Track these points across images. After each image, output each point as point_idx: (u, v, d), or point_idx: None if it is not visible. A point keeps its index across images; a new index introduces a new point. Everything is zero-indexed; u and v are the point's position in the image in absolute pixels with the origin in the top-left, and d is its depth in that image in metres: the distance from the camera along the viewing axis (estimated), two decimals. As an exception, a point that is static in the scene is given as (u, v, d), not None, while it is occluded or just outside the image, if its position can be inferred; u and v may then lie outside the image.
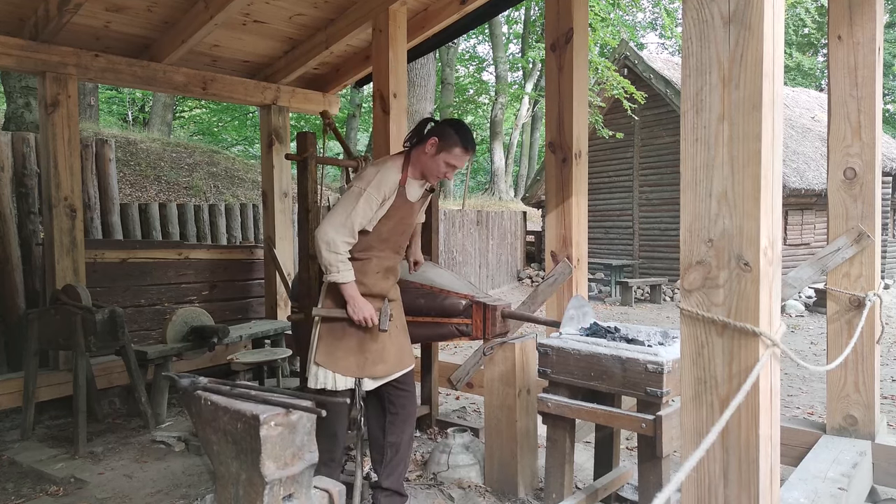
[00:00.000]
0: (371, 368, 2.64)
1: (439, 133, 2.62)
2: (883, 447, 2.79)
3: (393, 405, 2.76)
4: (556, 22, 3.45)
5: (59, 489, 3.17)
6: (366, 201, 2.54)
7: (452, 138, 2.61)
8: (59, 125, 4.21)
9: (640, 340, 2.43)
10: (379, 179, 2.57)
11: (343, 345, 2.62)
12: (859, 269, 2.82)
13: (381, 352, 2.66)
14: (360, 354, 2.63)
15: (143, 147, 10.64)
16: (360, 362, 2.62)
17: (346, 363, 2.61)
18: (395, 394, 2.76)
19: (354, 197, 2.55)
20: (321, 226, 2.55)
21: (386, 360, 2.67)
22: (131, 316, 4.92)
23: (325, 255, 2.52)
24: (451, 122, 2.68)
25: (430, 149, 2.62)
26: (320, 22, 4.67)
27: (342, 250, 2.53)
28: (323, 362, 2.61)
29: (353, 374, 2.62)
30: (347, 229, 2.52)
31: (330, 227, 2.51)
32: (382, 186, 2.57)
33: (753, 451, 1.37)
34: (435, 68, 13.77)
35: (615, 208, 13.74)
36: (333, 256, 2.51)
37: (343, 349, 2.62)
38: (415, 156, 2.68)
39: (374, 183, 2.56)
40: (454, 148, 2.61)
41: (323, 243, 2.51)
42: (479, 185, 28.52)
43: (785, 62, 8.43)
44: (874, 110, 2.78)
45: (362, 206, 2.53)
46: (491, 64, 24.51)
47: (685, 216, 1.43)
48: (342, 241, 2.52)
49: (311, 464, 1.94)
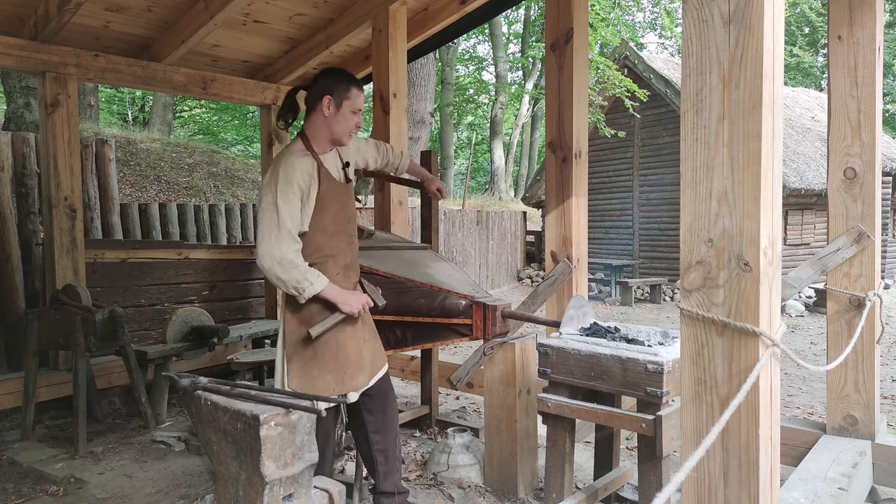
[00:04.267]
0: (351, 382, 2.45)
1: (325, 89, 2.40)
2: (883, 447, 2.79)
3: (371, 413, 2.58)
4: (556, 22, 3.45)
5: (59, 489, 3.17)
6: (285, 202, 2.26)
7: (341, 84, 2.40)
8: (59, 125, 4.21)
9: (640, 340, 2.43)
10: (285, 173, 2.30)
11: (316, 363, 2.40)
12: (859, 269, 2.81)
13: (358, 361, 2.47)
14: (338, 369, 2.42)
15: (143, 147, 10.65)
16: (339, 377, 2.42)
17: (323, 382, 2.39)
18: (370, 402, 2.57)
19: (271, 204, 2.27)
20: (259, 254, 2.27)
21: (363, 369, 2.49)
22: (131, 316, 4.92)
23: (284, 277, 2.25)
24: (323, 73, 2.46)
25: (329, 108, 2.39)
26: (320, 22, 4.67)
27: (298, 261, 2.27)
28: (299, 387, 2.35)
29: (334, 393, 2.40)
30: (285, 239, 2.25)
31: (269, 248, 2.24)
32: (293, 179, 2.29)
33: (753, 451, 1.37)
34: (435, 68, 13.78)
35: (615, 208, 13.73)
36: (295, 272, 2.26)
37: (318, 367, 2.40)
38: (313, 129, 2.44)
39: (281, 180, 2.29)
40: (350, 90, 2.40)
41: (276, 267, 2.24)
42: (479, 185, 28.53)
43: (785, 59, 8.39)
44: (874, 110, 2.77)
45: (285, 209, 2.26)
46: (491, 63, 24.52)
47: (685, 216, 1.43)
48: (291, 251, 2.26)
49: (311, 464, 1.94)
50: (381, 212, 4.25)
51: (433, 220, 3.69)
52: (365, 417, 2.59)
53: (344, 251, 2.49)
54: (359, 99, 2.44)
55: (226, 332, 4.36)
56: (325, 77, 2.44)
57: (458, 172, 26.13)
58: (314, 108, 2.43)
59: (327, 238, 2.41)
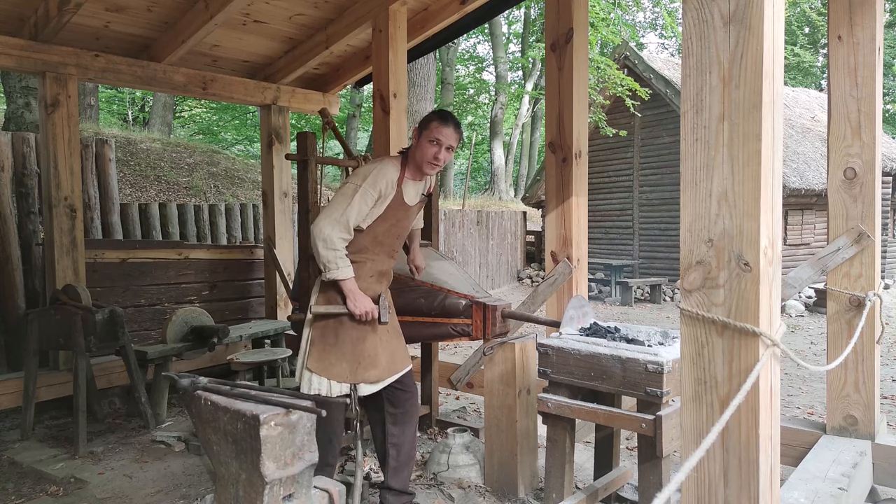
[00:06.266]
0: (363, 374, 2.59)
1: (421, 123, 2.66)
2: (883, 447, 2.79)
3: (392, 405, 2.73)
4: (556, 22, 3.45)
5: (59, 489, 3.17)
6: (361, 197, 2.52)
7: (428, 118, 2.65)
8: (59, 125, 4.21)
9: (640, 340, 2.43)
10: (375, 176, 2.55)
11: (336, 350, 2.58)
12: (859, 269, 2.82)
13: (374, 357, 2.61)
14: (354, 360, 2.58)
15: (143, 147, 10.65)
16: (354, 368, 2.58)
17: (339, 369, 2.57)
18: (394, 394, 2.72)
19: (350, 193, 2.53)
20: (317, 222, 2.52)
21: (377, 366, 2.62)
22: (131, 316, 4.92)
23: (322, 253, 2.49)
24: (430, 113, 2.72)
25: (415, 139, 2.65)
26: (320, 22, 4.67)
27: (339, 246, 2.50)
28: (315, 368, 2.56)
29: (347, 381, 2.57)
30: (342, 225, 2.50)
31: (326, 224, 2.49)
32: (378, 183, 2.55)
33: (753, 451, 1.37)
34: (435, 68, 13.79)
35: (615, 208, 13.73)
36: (332, 253, 2.49)
37: (336, 354, 2.57)
38: (411, 153, 2.70)
39: (370, 179, 2.54)
40: (430, 122, 2.61)
41: (320, 241, 2.49)
42: (479, 185, 28.53)
43: (785, 59, 8.40)
44: (874, 110, 2.78)
45: (357, 202, 2.52)
46: (491, 63, 24.52)
47: (685, 216, 1.43)
48: (339, 238, 2.49)
49: (311, 464, 1.94)
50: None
51: (433, 219, 3.69)
52: (386, 408, 2.73)
53: (384, 260, 2.72)
54: (439, 129, 2.59)
55: (226, 332, 4.36)
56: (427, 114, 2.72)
57: (458, 172, 26.12)
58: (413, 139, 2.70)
59: (374, 244, 2.65)
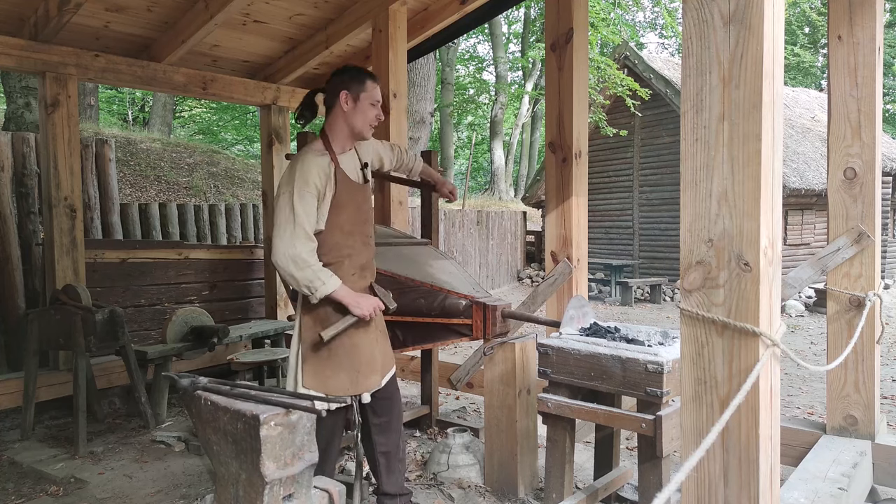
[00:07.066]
0: (365, 382, 2.47)
1: (341, 86, 2.42)
2: (883, 447, 2.79)
3: (376, 415, 2.60)
4: (556, 22, 3.45)
5: (59, 489, 3.17)
6: (300, 202, 2.28)
7: (356, 78, 2.42)
8: (59, 125, 4.21)
9: (640, 340, 2.43)
10: (302, 174, 2.31)
11: (331, 363, 2.42)
12: (859, 269, 2.81)
13: (371, 362, 2.49)
14: (352, 369, 2.44)
15: (143, 147, 10.65)
16: (354, 377, 2.44)
17: (337, 381, 2.42)
18: (377, 403, 2.58)
19: (287, 204, 2.29)
20: (275, 251, 2.27)
21: (376, 370, 2.51)
22: (131, 316, 4.92)
23: (298, 276, 2.26)
24: (337, 72, 2.48)
25: (347, 103, 2.41)
26: (320, 22, 4.67)
27: (312, 260, 2.28)
28: (312, 386, 2.39)
29: (348, 393, 2.42)
30: (301, 237, 2.26)
31: (285, 246, 2.25)
32: (310, 179, 2.31)
33: (753, 451, 1.37)
34: (435, 68, 13.78)
35: (615, 208, 13.74)
36: (308, 272, 2.26)
37: (331, 367, 2.42)
38: (333, 126, 2.45)
39: (298, 181, 2.30)
40: (364, 83, 2.42)
41: (290, 264, 2.25)
42: (479, 185, 28.53)
43: (785, 59, 8.38)
44: (874, 110, 2.77)
45: (300, 209, 2.27)
46: (491, 64, 24.52)
47: (685, 216, 1.43)
48: (306, 251, 2.27)
49: (311, 464, 1.94)
50: (381, 212, 4.25)
51: (433, 219, 3.69)
52: (370, 419, 2.60)
53: (360, 251, 2.50)
54: (375, 91, 2.46)
55: (226, 332, 4.36)
56: (340, 74, 2.46)
57: (458, 172, 26.13)
58: (332, 106, 2.45)
59: (344, 238, 2.43)
